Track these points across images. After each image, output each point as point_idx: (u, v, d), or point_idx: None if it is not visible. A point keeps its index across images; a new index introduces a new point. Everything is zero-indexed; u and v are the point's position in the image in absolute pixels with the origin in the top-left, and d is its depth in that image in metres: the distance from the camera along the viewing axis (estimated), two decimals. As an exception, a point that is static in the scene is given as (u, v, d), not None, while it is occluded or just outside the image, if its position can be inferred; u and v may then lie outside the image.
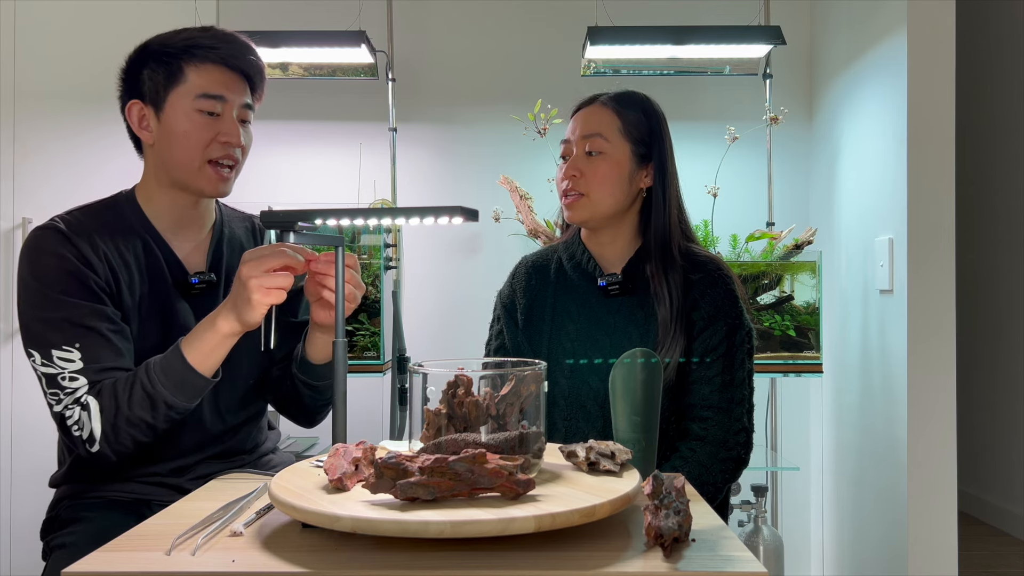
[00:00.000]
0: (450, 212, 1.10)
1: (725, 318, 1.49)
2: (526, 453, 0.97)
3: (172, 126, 1.33)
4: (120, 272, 1.32)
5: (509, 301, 1.63)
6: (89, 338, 1.25)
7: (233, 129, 1.35)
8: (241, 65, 1.35)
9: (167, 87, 1.33)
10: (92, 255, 1.29)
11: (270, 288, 1.18)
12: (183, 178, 1.35)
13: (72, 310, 1.26)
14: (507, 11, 2.63)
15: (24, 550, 2.42)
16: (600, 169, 1.51)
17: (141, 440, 1.26)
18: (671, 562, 0.82)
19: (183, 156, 1.33)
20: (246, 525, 0.94)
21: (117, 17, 2.50)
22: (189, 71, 1.32)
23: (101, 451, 1.24)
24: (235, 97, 1.35)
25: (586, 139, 1.52)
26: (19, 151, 2.49)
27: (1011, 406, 3.41)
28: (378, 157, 2.56)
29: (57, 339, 1.25)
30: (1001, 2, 3.47)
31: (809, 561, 2.60)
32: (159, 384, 1.23)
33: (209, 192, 1.37)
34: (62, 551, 1.26)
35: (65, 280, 1.27)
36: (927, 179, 1.95)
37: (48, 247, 1.29)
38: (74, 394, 1.24)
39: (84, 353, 1.25)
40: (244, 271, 1.18)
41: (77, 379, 1.24)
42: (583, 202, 1.51)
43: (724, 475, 1.45)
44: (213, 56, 1.33)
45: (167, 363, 1.24)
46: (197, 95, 1.32)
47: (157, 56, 1.33)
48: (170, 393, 1.23)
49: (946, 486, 1.93)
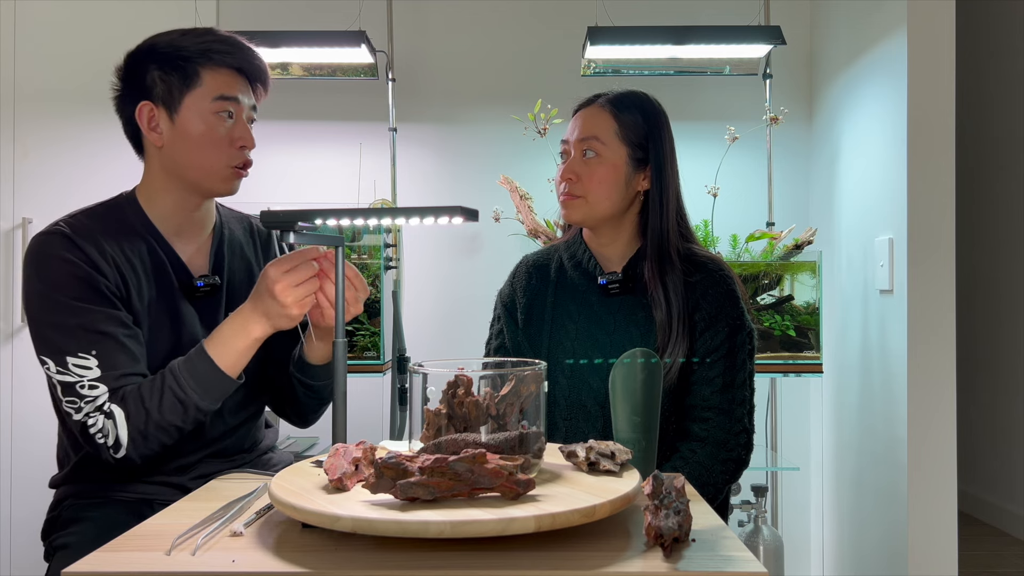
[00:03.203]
0: (450, 212, 1.10)
1: (726, 319, 1.49)
2: (526, 453, 0.97)
3: (188, 128, 1.33)
4: (128, 275, 1.32)
5: (509, 300, 1.63)
6: (105, 344, 1.25)
7: (247, 132, 1.37)
8: (252, 70, 1.38)
9: (183, 89, 1.33)
10: (100, 259, 1.29)
11: (305, 300, 1.23)
12: (196, 179, 1.35)
13: (86, 316, 1.25)
14: (507, 11, 2.63)
15: (24, 550, 2.42)
16: (596, 172, 1.50)
17: (167, 443, 1.28)
18: (671, 562, 0.82)
19: (200, 159, 1.34)
20: (246, 525, 0.94)
21: (117, 17, 2.50)
22: (205, 74, 1.33)
23: (127, 456, 1.25)
24: (246, 100, 1.37)
25: (583, 142, 1.52)
26: (19, 151, 2.48)
27: (1011, 406, 3.41)
28: (378, 157, 2.56)
29: (72, 346, 1.24)
30: (1001, 2, 3.47)
31: (809, 561, 2.60)
32: (189, 389, 1.24)
33: (221, 192, 1.38)
34: (65, 551, 1.26)
35: (76, 286, 1.26)
36: (927, 179, 1.95)
37: (55, 252, 1.28)
38: (95, 402, 1.24)
39: (101, 360, 1.24)
40: (279, 292, 1.21)
41: (97, 387, 1.24)
42: (579, 203, 1.51)
43: (724, 476, 1.45)
44: (229, 61, 1.35)
45: (194, 367, 1.25)
46: (214, 97, 1.33)
47: (170, 58, 1.33)
48: (199, 397, 1.25)
49: (946, 486, 1.93)
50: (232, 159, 1.35)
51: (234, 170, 1.37)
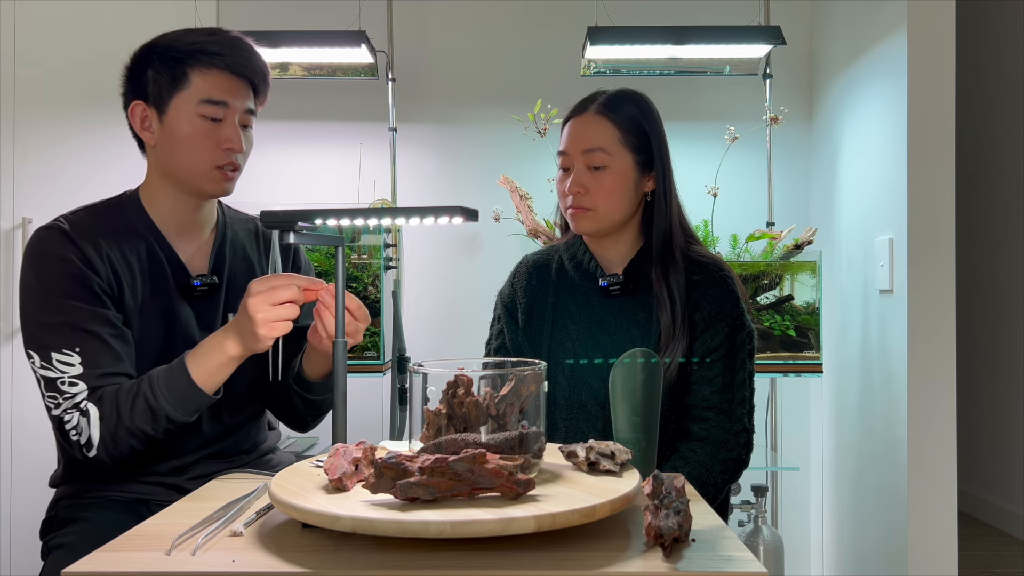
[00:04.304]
0: (450, 212, 1.10)
1: (726, 319, 1.49)
2: (526, 453, 0.97)
3: (175, 130, 1.33)
4: (123, 274, 1.32)
5: (510, 300, 1.63)
6: (90, 343, 1.26)
7: (235, 135, 1.35)
8: (245, 71, 1.36)
9: (171, 90, 1.33)
10: (95, 257, 1.29)
11: (275, 323, 1.20)
12: (185, 179, 1.35)
13: (73, 314, 1.26)
14: (507, 11, 2.63)
15: (24, 550, 2.42)
16: (605, 183, 1.49)
17: (138, 449, 1.27)
18: (671, 562, 0.82)
19: (185, 160, 1.34)
20: (246, 525, 0.94)
21: (117, 17, 2.49)
22: (194, 76, 1.32)
23: (98, 456, 1.25)
24: (237, 103, 1.35)
25: (587, 154, 1.49)
26: (19, 151, 2.48)
27: (1011, 406, 3.41)
28: (378, 157, 2.56)
29: (57, 342, 1.25)
30: (1001, 2, 3.47)
31: (809, 561, 2.60)
32: (162, 399, 1.23)
33: (211, 192, 1.37)
34: (60, 551, 1.26)
35: (68, 283, 1.27)
36: (927, 179, 1.95)
37: (52, 248, 1.29)
38: (73, 399, 1.24)
39: (84, 358, 1.25)
40: (251, 305, 1.19)
41: (77, 384, 1.24)
42: (590, 215, 1.50)
43: (724, 476, 1.45)
44: (218, 62, 1.33)
45: (171, 378, 1.25)
46: (200, 100, 1.32)
47: (163, 58, 1.33)
48: (172, 408, 1.24)
49: (946, 486, 1.93)
50: (217, 160, 1.34)
51: (219, 171, 1.35)
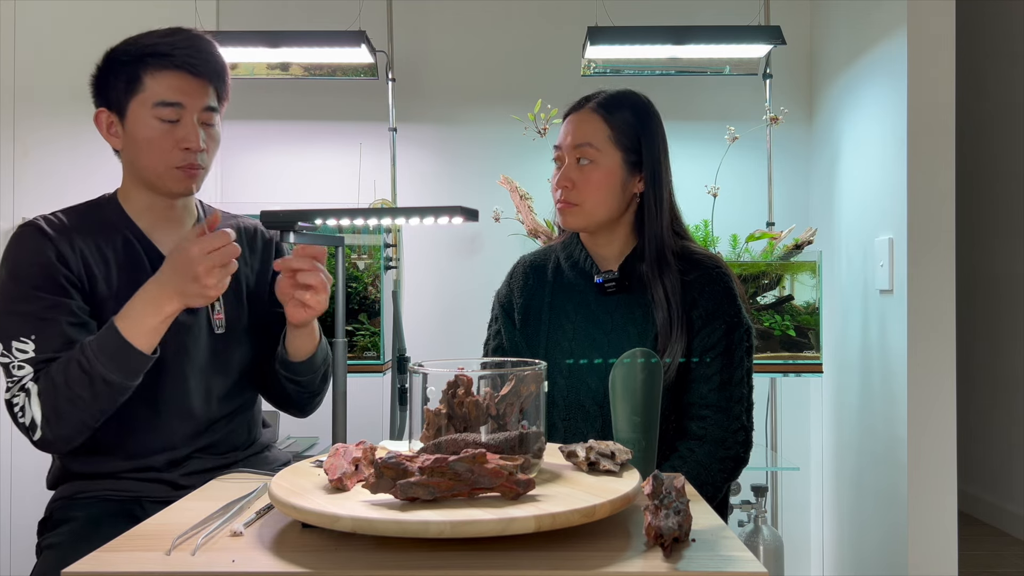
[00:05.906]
0: (450, 212, 1.10)
1: (723, 316, 1.49)
2: (526, 453, 0.97)
3: (135, 134, 1.34)
4: (96, 267, 1.34)
5: (507, 301, 1.63)
6: (46, 330, 1.27)
7: (192, 134, 1.34)
8: (199, 70, 1.35)
9: (127, 95, 1.34)
10: (68, 251, 1.32)
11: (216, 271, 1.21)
12: (151, 181, 1.37)
13: (36, 303, 1.28)
14: (507, 11, 2.63)
15: (24, 550, 2.42)
16: (592, 179, 1.49)
17: (86, 422, 1.25)
18: (671, 562, 0.82)
19: (147, 162, 1.35)
20: (246, 525, 0.94)
21: (117, 17, 2.49)
22: (147, 78, 1.33)
23: (44, 437, 1.25)
24: (194, 102, 1.34)
25: (577, 148, 1.50)
26: (19, 151, 2.48)
27: (1011, 406, 3.41)
28: (378, 157, 2.56)
29: (16, 331, 1.27)
30: (1001, 2, 3.47)
31: (809, 561, 2.60)
32: (95, 360, 1.22)
33: (178, 192, 1.38)
34: (49, 551, 1.27)
35: (35, 275, 1.29)
36: (927, 179, 1.95)
37: (25, 243, 1.32)
38: (20, 382, 1.26)
39: (37, 344, 1.26)
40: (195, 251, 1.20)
41: (24, 368, 1.26)
42: (576, 211, 1.51)
43: (723, 474, 1.45)
44: (169, 63, 1.33)
45: (102, 340, 1.24)
46: (155, 103, 1.33)
47: (120, 63, 1.35)
48: (107, 370, 1.23)
49: (946, 486, 1.93)
50: (175, 160, 1.34)
51: (181, 171, 1.35)
